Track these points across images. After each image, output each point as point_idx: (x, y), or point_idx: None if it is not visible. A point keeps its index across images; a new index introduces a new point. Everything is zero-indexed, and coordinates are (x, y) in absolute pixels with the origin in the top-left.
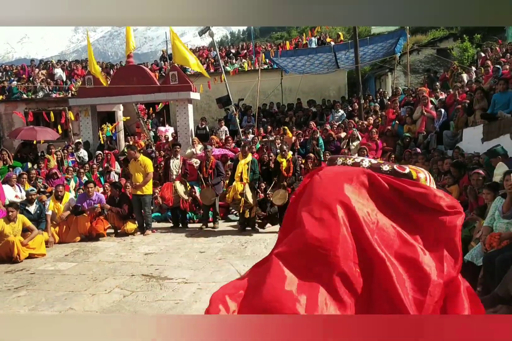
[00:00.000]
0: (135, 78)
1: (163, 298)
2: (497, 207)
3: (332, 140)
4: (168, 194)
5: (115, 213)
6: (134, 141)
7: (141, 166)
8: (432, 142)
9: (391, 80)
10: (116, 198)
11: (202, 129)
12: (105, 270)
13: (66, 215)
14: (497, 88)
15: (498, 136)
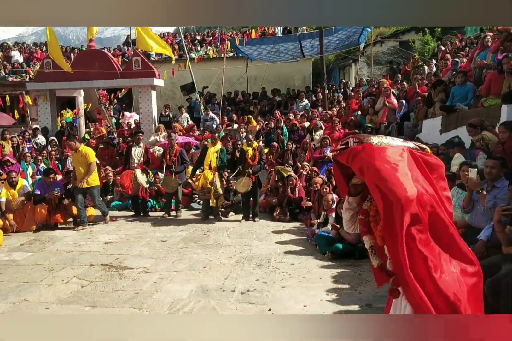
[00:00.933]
0: (96, 63)
1: (123, 288)
2: (453, 197)
3: (296, 129)
4: (128, 182)
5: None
6: (95, 128)
7: (82, 157)
8: (393, 132)
9: (355, 71)
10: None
11: (166, 117)
12: (62, 260)
13: (20, 200)
14: (456, 81)
15: (456, 128)
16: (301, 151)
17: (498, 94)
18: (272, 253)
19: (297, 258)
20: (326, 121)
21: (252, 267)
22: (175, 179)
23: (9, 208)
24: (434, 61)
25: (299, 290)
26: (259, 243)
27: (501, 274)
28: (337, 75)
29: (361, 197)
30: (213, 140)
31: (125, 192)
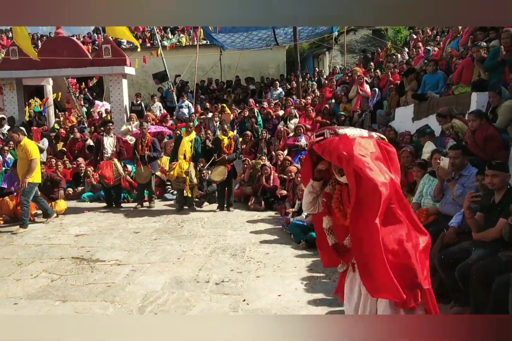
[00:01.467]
0: (65, 51)
1: (94, 281)
2: (425, 184)
3: (270, 118)
4: (109, 173)
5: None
6: (64, 118)
7: (23, 152)
8: (366, 121)
9: (329, 59)
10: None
11: (138, 106)
12: (31, 254)
13: None
14: (427, 69)
15: (427, 116)
16: (275, 140)
17: (468, 82)
18: (247, 243)
19: (272, 247)
20: (300, 109)
21: (226, 257)
22: (148, 169)
23: None
24: (407, 50)
25: (274, 279)
26: (233, 232)
27: (471, 259)
28: (311, 64)
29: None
30: (188, 129)
31: (107, 182)
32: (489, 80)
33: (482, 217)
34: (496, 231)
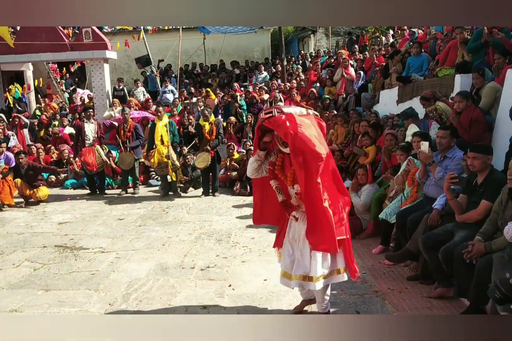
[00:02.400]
0: (43, 35)
1: (78, 270)
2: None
3: (255, 102)
4: (92, 159)
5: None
6: (46, 104)
7: None
8: (351, 104)
9: (314, 42)
10: (22, 167)
11: (120, 91)
12: (13, 243)
13: None
14: (411, 51)
15: (411, 98)
16: None
17: (453, 64)
18: (233, 228)
19: (258, 231)
20: (285, 93)
21: (212, 242)
22: (131, 155)
23: None
24: (391, 32)
25: (259, 264)
26: (219, 218)
27: (455, 241)
28: (296, 47)
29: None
30: (158, 114)
31: (90, 169)
32: (472, 61)
33: (465, 199)
34: (479, 213)
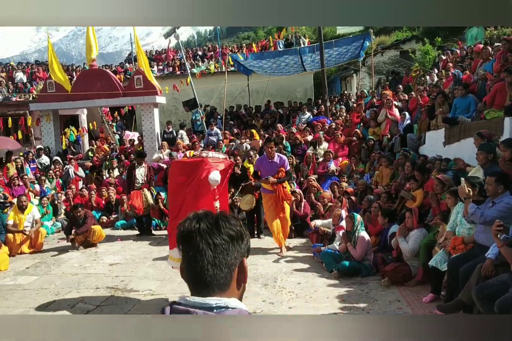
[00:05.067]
0: (98, 82)
1: (129, 312)
2: (458, 212)
3: (299, 143)
4: (138, 203)
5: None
6: (98, 146)
7: None
8: (396, 145)
9: (356, 81)
10: (80, 219)
11: (169, 134)
12: (68, 283)
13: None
14: (456, 93)
15: (459, 140)
16: (304, 165)
17: (501, 106)
18: (278, 272)
19: (304, 276)
20: (329, 134)
21: (258, 287)
22: None
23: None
24: (436, 71)
25: (307, 310)
26: (264, 261)
27: (511, 293)
28: (338, 86)
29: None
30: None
31: (138, 212)
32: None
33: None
34: None
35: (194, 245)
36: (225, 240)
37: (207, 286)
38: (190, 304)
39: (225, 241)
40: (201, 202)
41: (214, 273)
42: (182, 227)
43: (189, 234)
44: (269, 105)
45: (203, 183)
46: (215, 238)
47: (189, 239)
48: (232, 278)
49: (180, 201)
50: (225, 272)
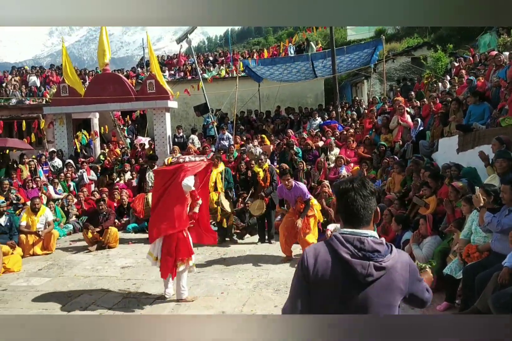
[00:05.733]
0: (111, 86)
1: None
2: (473, 220)
3: (310, 149)
4: (139, 206)
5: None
6: (110, 149)
7: None
8: (408, 151)
9: (367, 87)
10: (101, 213)
11: (180, 138)
12: (80, 285)
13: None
14: (468, 101)
15: (473, 148)
16: (315, 171)
17: None
18: (290, 277)
19: None
20: (340, 140)
21: (270, 292)
22: None
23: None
24: (448, 78)
25: None
26: (275, 266)
27: None
28: (349, 92)
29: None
30: (215, 161)
31: (137, 215)
32: None
33: None
34: None
35: (350, 196)
36: (368, 193)
37: (359, 221)
38: (353, 234)
39: (368, 194)
40: (176, 206)
41: (363, 213)
42: (340, 186)
43: (346, 190)
44: (279, 110)
45: (179, 188)
46: (364, 191)
47: (346, 193)
48: (371, 218)
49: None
50: (369, 213)
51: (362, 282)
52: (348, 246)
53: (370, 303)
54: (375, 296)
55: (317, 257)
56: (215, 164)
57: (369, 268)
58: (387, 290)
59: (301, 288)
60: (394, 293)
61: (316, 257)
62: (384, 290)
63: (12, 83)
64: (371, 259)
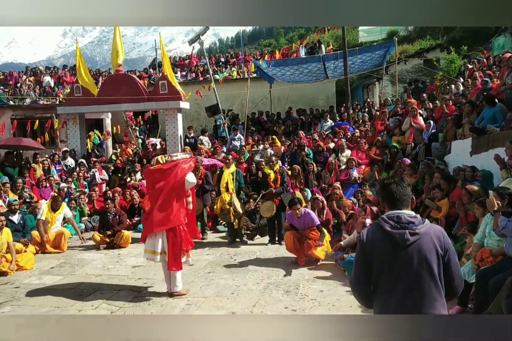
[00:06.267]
0: (124, 87)
1: (152, 314)
2: (487, 223)
3: (321, 150)
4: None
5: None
6: (121, 149)
7: None
8: (420, 153)
9: (379, 89)
10: (110, 213)
11: (191, 138)
12: (91, 284)
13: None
14: (482, 103)
15: (487, 150)
16: (326, 173)
17: None
18: (300, 279)
19: (326, 284)
20: (351, 142)
21: (280, 293)
22: (200, 201)
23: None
24: (461, 80)
25: None
26: (286, 267)
27: None
28: (360, 94)
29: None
30: (227, 161)
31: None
32: None
33: None
34: None
35: (393, 187)
36: (406, 185)
37: (401, 204)
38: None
39: (406, 185)
40: (179, 201)
41: (403, 199)
42: (385, 180)
43: (389, 183)
44: (290, 112)
45: (179, 185)
46: (402, 184)
47: (389, 185)
48: (409, 202)
49: (154, 202)
50: (407, 199)
51: (402, 245)
52: (389, 221)
53: (412, 260)
54: (415, 255)
55: (369, 234)
56: (228, 164)
57: (405, 234)
58: (423, 249)
59: (362, 259)
60: (430, 252)
61: (369, 234)
62: (421, 250)
63: (26, 83)
64: (406, 228)
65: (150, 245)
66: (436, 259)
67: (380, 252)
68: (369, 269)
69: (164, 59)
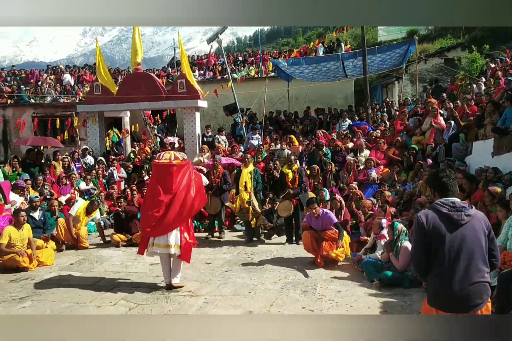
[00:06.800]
0: (143, 86)
1: (169, 312)
2: (510, 225)
3: (339, 150)
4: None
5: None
6: (140, 148)
7: None
8: (440, 154)
9: (398, 89)
10: (122, 212)
11: (209, 137)
12: (110, 281)
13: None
14: (504, 104)
15: (509, 151)
16: (344, 173)
17: None
18: (318, 279)
19: (344, 284)
20: (370, 141)
21: (297, 293)
22: (218, 199)
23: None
24: (483, 79)
25: None
26: (304, 267)
27: None
28: (379, 94)
29: None
30: (246, 160)
31: None
32: None
33: None
34: None
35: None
36: (454, 177)
37: (452, 193)
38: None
39: (454, 177)
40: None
41: (454, 189)
42: (438, 174)
43: (442, 176)
44: (308, 111)
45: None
46: (452, 175)
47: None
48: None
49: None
50: (456, 188)
51: (458, 224)
52: (445, 206)
53: (466, 237)
54: (468, 233)
55: (427, 216)
56: (246, 163)
57: (462, 215)
58: (475, 229)
59: (421, 238)
60: (479, 231)
61: (427, 216)
62: (473, 229)
63: (47, 82)
64: (461, 211)
65: (162, 240)
66: (484, 236)
67: (439, 231)
68: (428, 248)
69: (183, 58)
